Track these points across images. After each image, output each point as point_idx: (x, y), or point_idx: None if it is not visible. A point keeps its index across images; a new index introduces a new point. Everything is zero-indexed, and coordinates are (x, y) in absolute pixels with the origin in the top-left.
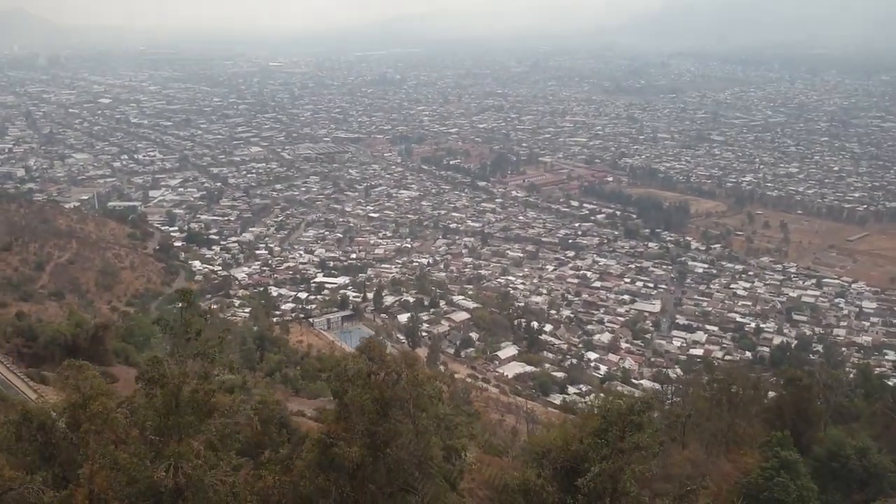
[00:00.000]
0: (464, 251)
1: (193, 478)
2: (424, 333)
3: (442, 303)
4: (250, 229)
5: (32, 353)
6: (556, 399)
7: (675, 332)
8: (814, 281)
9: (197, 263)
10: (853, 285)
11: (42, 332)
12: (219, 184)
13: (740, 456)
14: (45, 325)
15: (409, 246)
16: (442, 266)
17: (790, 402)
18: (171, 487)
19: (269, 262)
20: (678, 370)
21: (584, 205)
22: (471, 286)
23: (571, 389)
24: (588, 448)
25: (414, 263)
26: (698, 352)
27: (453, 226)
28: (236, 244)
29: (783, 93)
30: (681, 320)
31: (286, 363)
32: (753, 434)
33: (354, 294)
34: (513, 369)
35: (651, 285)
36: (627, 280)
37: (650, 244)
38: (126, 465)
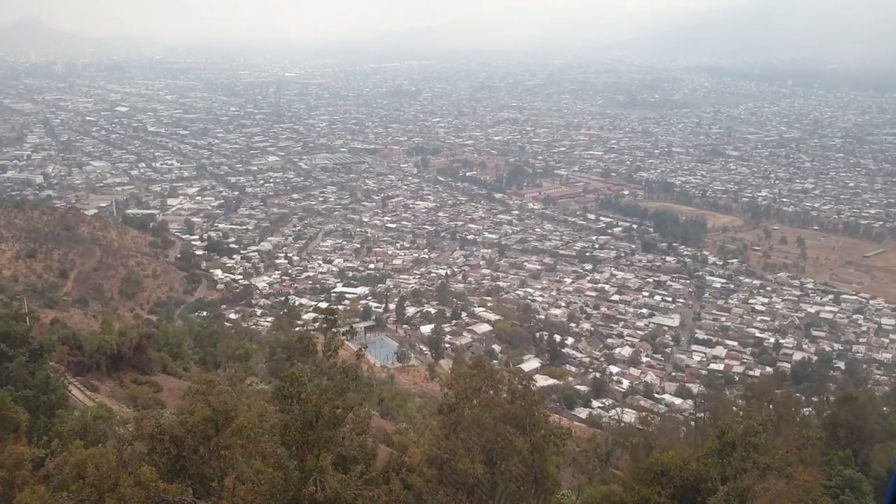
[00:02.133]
0: (481, 262)
1: (339, 492)
2: (447, 345)
3: (463, 314)
4: (268, 238)
5: (77, 361)
6: (582, 413)
7: (694, 347)
8: (832, 297)
9: (218, 272)
10: (871, 301)
11: (87, 342)
12: (236, 193)
13: (797, 475)
14: (92, 334)
15: (427, 257)
16: (460, 277)
17: (845, 421)
18: (317, 500)
19: (289, 271)
20: (700, 385)
21: (601, 218)
22: (490, 298)
23: (595, 403)
24: (708, 467)
25: (432, 274)
26: (719, 367)
27: (470, 237)
28: (256, 253)
29: (797, 109)
30: (700, 335)
31: (316, 374)
32: (807, 453)
33: (375, 304)
34: (537, 382)
35: (669, 299)
36: (646, 294)
37: (667, 258)
38: (271, 479)
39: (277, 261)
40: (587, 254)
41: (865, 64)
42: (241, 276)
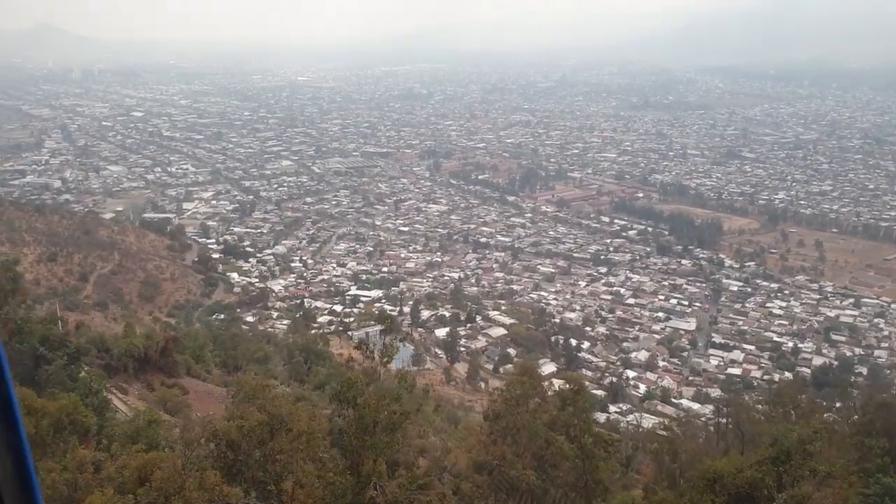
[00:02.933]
0: (494, 266)
1: (398, 497)
2: (462, 349)
3: (478, 318)
4: (283, 242)
5: (105, 364)
6: (600, 418)
7: (711, 351)
8: (851, 300)
9: (235, 275)
10: (893, 305)
11: (114, 345)
12: (251, 197)
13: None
14: (115, 337)
15: (440, 260)
16: (473, 280)
17: (880, 428)
18: None
19: (304, 274)
20: (718, 389)
21: (615, 220)
22: (503, 301)
23: (612, 408)
24: (763, 475)
25: (445, 277)
26: (736, 371)
27: (483, 240)
28: (271, 257)
29: (814, 109)
30: (717, 339)
31: (334, 376)
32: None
33: (389, 307)
34: (553, 386)
35: (685, 303)
36: (661, 297)
37: (683, 261)
38: (332, 483)
39: (292, 264)
40: (602, 257)
41: (885, 63)
42: (256, 280)
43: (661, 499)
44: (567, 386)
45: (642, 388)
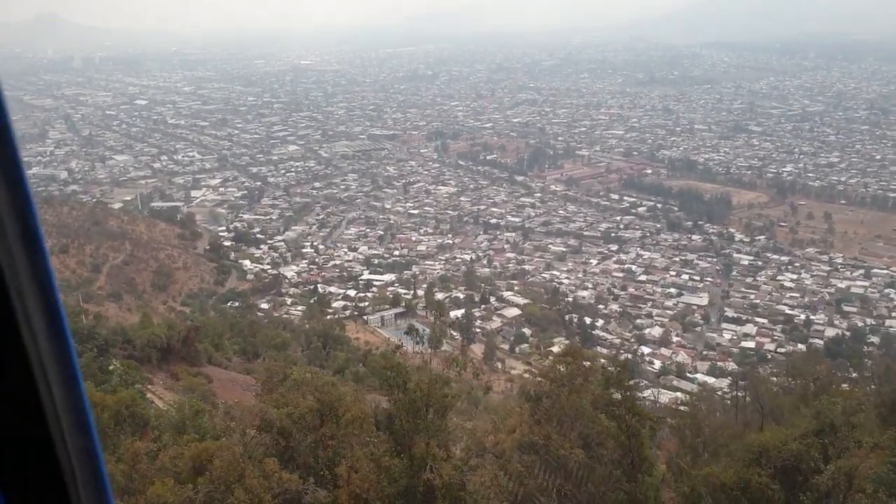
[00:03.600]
0: (506, 246)
1: (453, 479)
2: (478, 329)
3: (492, 299)
4: (293, 228)
5: (128, 354)
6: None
7: (724, 325)
8: (862, 271)
9: (247, 262)
10: None
11: (136, 335)
12: (259, 183)
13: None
14: (133, 328)
15: (451, 242)
16: (485, 262)
17: None
18: (434, 487)
19: (316, 260)
20: (732, 364)
21: (625, 198)
22: (516, 281)
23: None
24: (809, 447)
25: (457, 259)
26: (750, 344)
27: (493, 221)
28: (282, 243)
29: (820, 81)
30: (729, 313)
31: (352, 360)
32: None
33: (403, 291)
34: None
35: (697, 278)
36: (673, 273)
37: (693, 237)
38: (387, 467)
39: (304, 250)
40: (612, 234)
41: (890, 34)
42: (269, 266)
43: (709, 472)
44: (611, 366)
45: (657, 363)
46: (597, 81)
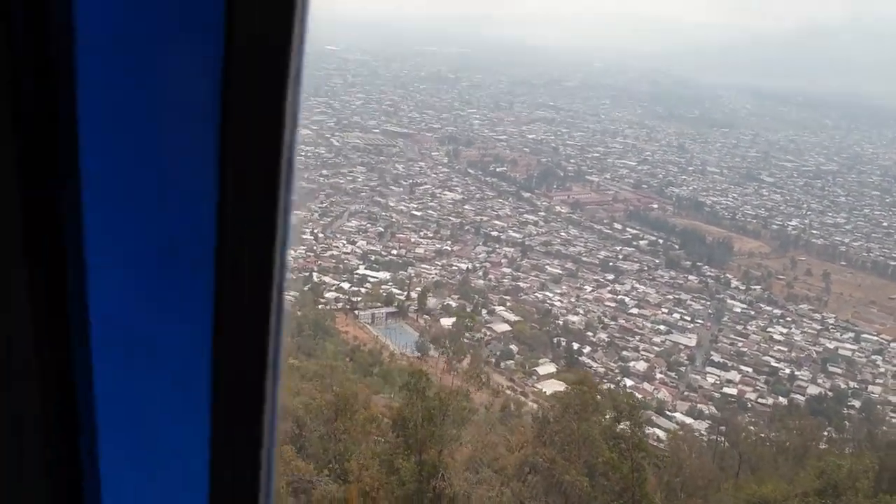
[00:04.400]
0: (503, 261)
1: (462, 489)
2: (466, 340)
3: (484, 311)
4: (295, 212)
5: None
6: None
7: (709, 369)
8: (852, 335)
9: None
10: (892, 344)
11: None
12: None
13: None
14: None
15: (450, 249)
16: (481, 273)
17: (891, 467)
18: (443, 495)
19: (314, 247)
20: (712, 407)
21: (628, 229)
22: (509, 297)
23: (609, 415)
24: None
25: (453, 267)
26: (732, 391)
27: (494, 234)
28: None
29: (837, 141)
30: (716, 357)
31: (340, 354)
32: None
33: (397, 291)
34: (551, 387)
35: (688, 318)
36: (665, 310)
37: (690, 277)
38: (398, 468)
39: (303, 236)
40: (610, 263)
41: None
42: None
43: None
44: (623, 400)
45: (638, 397)
46: (616, 109)
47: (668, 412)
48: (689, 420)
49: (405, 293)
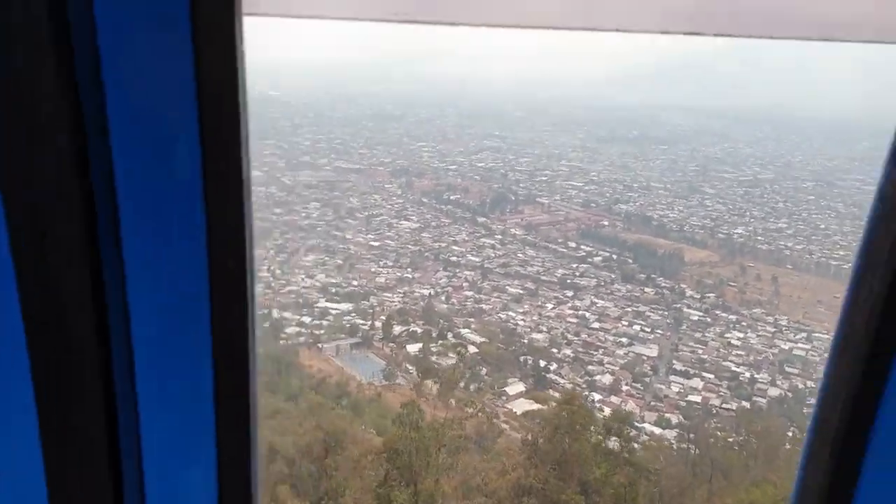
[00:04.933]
0: (464, 284)
1: None
2: (434, 365)
3: (449, 335)
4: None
5: None
6: None
7: (672, 378)
8: (804, 335)
9: None
10: None
11: None
12: None
13: None
14: None
15: (410, 276)
16: (443, 298)
17: None
18: None
19: (272, 284)
20: (679, 416)
21: (581, 246)
22: (473, 320)
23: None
24: None
25: (416, 294)
26: (696, 398)
27: (453, 259)
28: None
29: (771, 151)
30: (678, 366)
31: (305, 388)
32: None
33: (361, 321)
34: (521, 406)
35: (648, 329)
36: (625, 323)
37: (646, 289)
38: (394, 501)
39: (260, 273)
40: (568, 281)
41: (836, 115)
42: None
43: None
44: (612, 418)
45: (607, 410)
46: (560, 135)
47: (636, 423)
48: (657, 430)
49: (369, 323)
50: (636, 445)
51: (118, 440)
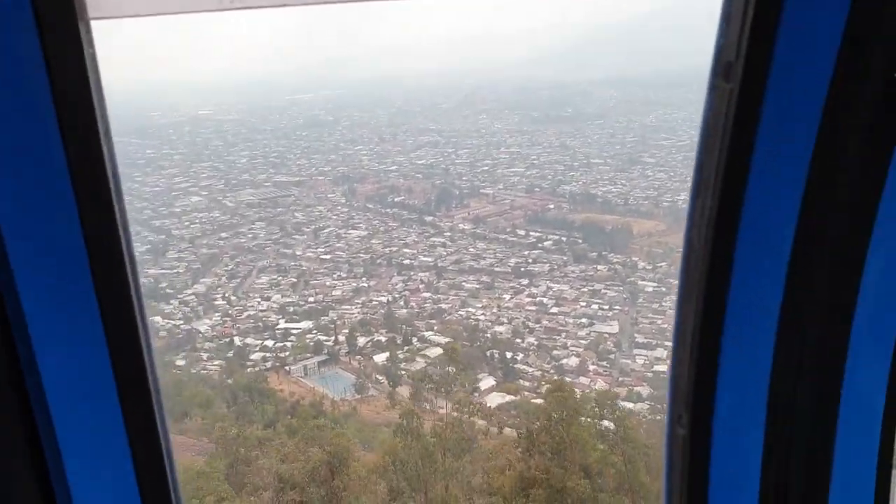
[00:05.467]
0: (421, 286)
1: None
2: (403, 372)
3: (414, 339)
4: (202, 280)
5: None
6: None
7: (636, 351)
8: None
9: (158, 319)
10: None
11: None
12: (163, 236)
13: None
14: None
15: (366, 285)
16: (402, 303)
17: None
18: None
19: (229, 311)
20: (648, 388)
21: (530, 233)
22: (435, 321)
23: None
24: None
25: (374, 302)
26: (662, 368)
27: (406, 262)
28: (193, 296)
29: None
30: (640, 339)
31: (281, 413)
32: None
33: (324, 338)
34: (494, 400)
35: (606, 307)
36: (583, 304)
37: (599, 267)
38: None
39: (215, 302)
40: (522, 269)
41: None
42: (181, 321)
43: None
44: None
45: (578, 392)
46: (495, 121)
47: (608, 402)
48: (629, 405)
49: (332, 338)
50: (608, 424)
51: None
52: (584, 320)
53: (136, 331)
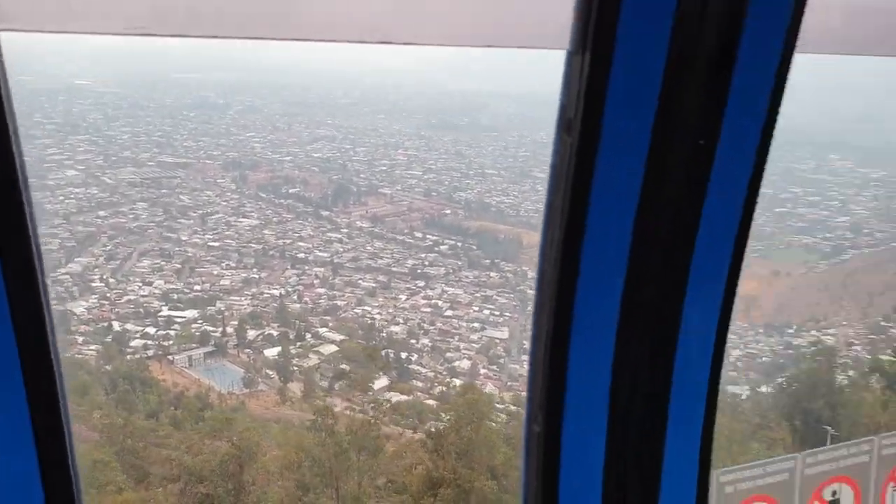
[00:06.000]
0: (316, 282)
1: None
2: (295, 368)
3: (308, 335)
4: (76, 259)
5: None
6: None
7: (524, 357)
8: None
9: None
10: None
11: None
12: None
13: None
14: None
15: (257, 277)
16: (295, 297)
17: None
18: None
19: (108, 294)
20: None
21: (427, 236)
22: (329, 317)
23: (445, 416)
24: None
25: (265, 295)
26: None
27: (301, 255)
28: (67, 276)
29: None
30: (528, 346)
31: (165, 403)
32: None
33: (211, 328)
34: (390, 399)
35: (497, 313)
36: (476, 308)
37: (491, 274)
38: None
39: (92, 284)
40: (418, 271)
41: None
42: (55, 302)
43: None
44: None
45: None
46: (393, 123)
47: (497, 405)
48: (513, 407)
49: (220, 329)
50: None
51: None
52: (476, 324)
53: (42, 320)
